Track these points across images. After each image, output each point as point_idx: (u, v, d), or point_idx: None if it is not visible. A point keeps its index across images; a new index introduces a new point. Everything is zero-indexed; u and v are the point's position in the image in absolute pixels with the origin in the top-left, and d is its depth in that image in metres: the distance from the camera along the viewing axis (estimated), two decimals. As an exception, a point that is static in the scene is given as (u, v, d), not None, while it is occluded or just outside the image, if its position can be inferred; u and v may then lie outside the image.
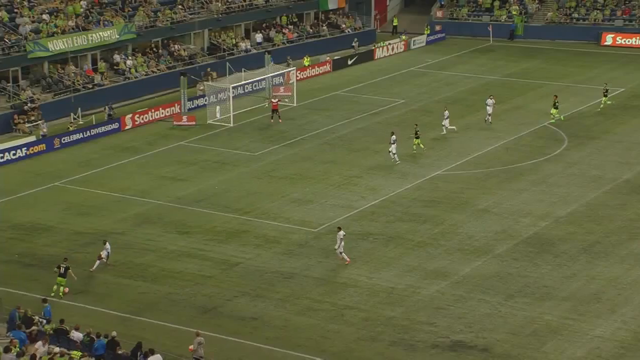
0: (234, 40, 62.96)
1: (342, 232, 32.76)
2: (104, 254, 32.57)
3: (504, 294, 30.50)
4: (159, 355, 24.35)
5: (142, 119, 50.87)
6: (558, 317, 28.94)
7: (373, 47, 68.12)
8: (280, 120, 49.71)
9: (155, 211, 37.90)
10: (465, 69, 63.63)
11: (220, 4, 63.40)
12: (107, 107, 51.19)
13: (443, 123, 47.67)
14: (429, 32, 72.99)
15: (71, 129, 48.28)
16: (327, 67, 63.38)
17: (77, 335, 25.63)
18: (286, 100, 50.98)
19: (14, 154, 44.55)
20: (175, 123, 50.75)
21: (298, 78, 58.01)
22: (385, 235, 35.46)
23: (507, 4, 74.22)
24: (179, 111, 52.24)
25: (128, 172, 42.87)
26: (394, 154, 43.05)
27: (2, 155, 44.07)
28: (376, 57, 67.30)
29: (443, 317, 29.08)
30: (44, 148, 45.87)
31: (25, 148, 45.07)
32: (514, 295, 30.42)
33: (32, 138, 46.70)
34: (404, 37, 70.91)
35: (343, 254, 32.81)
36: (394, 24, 75.45)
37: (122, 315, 29.30)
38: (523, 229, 35.76)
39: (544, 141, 46.89)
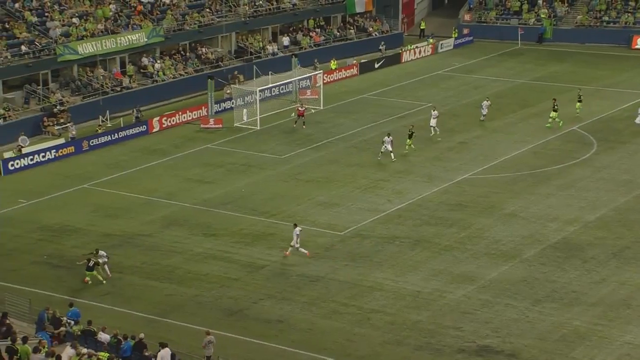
0: (261, 44, 63.15)
1: (298, 229, 33.51)
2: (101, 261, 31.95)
3: (532, 299, 30.28)
4: (167, 349, 24.54)
5: (170, 121, 51.20)
6: (587, 323, 28.67)
7: (400, 51, 68.01)
8: (304, 126, 49.74)
9: (181, 213, 38.10)
10: (493, 72, 63.33)
11: (247, 8, 63.65)
12: (134, 109, 51.61)
13: (431, 124, 47.44)
14: (456, 35, 72.75)
15: (99, 131, 48.71)
16: (354, 71, 63.38)
17: (104, 337, 25.82)
18: (312, 110, 50.98)
19: (44, 156, 45.02)
20: (202, 126, 51.02)
21: (325, 81, 58.04)
22: (412, 238, 35.37)
23: (536, 7, 73.78)
24: (206, 114, 52.50)
25: (155, 175, 43.15)
26: (391, 151, 43.48)
27: (31, 157, 44.55)
28: (403, 61, 67.16)
29: (470, 322, 28.93)
30: (73, 150, 46.31)
31: (54, 150, 45.54)
32: (541, 301, 30.19)
33: (61, 140, 47.18)
34: (431, 40, 70.73)
35: (301, 248, 33.36)
36: (422, 27, 75.28)
37: (149, 317, 29.47)
38: (551, 234, 35.50)
39: (573, 145, 46.53)
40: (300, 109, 50.63)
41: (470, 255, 33.81)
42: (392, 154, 43.80)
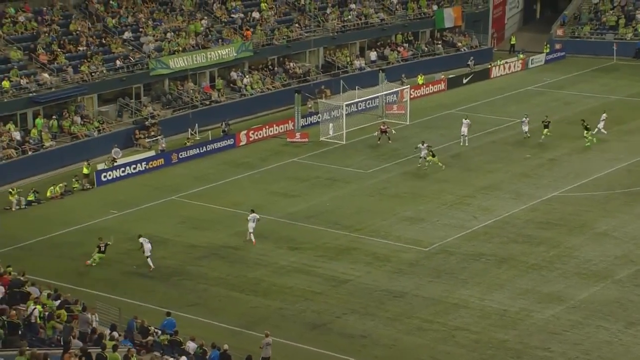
0: (348, 58, 63.48)
1: (255, 215, 36.06)
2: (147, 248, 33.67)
3: (625, 322, 29.42)
4: (194, 344, 25.34)
5: (257, 135, 51.90)
6: (682, 348, 27.69)
7: (489, 66, 67.29)
8: (390, 142, 49.65)
9: (267, 226, 38.52)
10: (586, 88, 62.01)
11: (336, 23, 64.12)
12: (223, 123, 52.51)
13: (462, 132, 47.87)
14: (548, 50, 71.56)
15: (188, 144, 49.74)
16: (442, 86, 63.01)
17: (192, 346, 26.21)
18: (393, 131, 50.86)
19: (134, 168, 46.24)
20: (288, 140, 51.54)
21: (412, 96, 57.90)
22: (498, 256, 34.88)
23: (633, 22, 71.90)
24: (292, 128, 53.02)
25: (242, 188, 43.79)
26: (422, 157, 44.61)
27: (123, 169, 45.81)
28: (492, 76, 66.42)
29: (558, 343, 28.30)
30: (162, 162, 47.41)
31: (144, 162, 46.71)
32: (635, 323, 29.30)
33: (152, 153, 48.36)
34: (521, 55, 69.77)
35: (252, 234, 35.82)
36: (512, 43, 74.34)
37: (233, 328, 29.86)
38: (645, 255, 34.47)
39: (669, 163, 45.17)
40: (382, 127, 50.55)
41: (559, 274, 33.11)
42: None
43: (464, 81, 64.45)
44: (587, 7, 75.44)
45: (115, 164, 45.97)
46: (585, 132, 48.46)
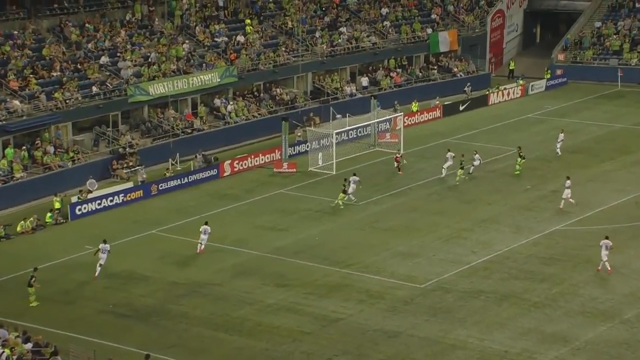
0: (338, 84, 63.88)
1: (207, 227, 39.07)
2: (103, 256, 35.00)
3: (632, 363, 29.47)
4: None
5: (242, 165, 52.02)
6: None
7: (487, 92, 67.82)
8: (400, 173, 50.06)
9: (253, 262, 38.51)
10: (589, 116, 62.55)
11: (325, 47, 64.61)
12: (197, 155, 51.88)
13: (445, 165, 48.73)
14: (549, 76, 72.22)
15: (168, 175, 49.78)
16: (437, 113, 63.44)
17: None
18: (404, 161, 51.23)
19: (111, 200, 46.19)
20: (275, 170, 51.68)
21: (405, 124, 58.17)
22: (498, 293, 34.95)
23: (638, 47, 72.71)
24: (279, 157, 53.18)
25: (226, 221, 43.78)
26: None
27: (99, 201, 45.75)
28: (490, 103, 66.94)
29: (562, 386, 28.30)
30: (141, 194, 47.38)
31: (122, 194, 46.67)
32: (643, 365, 29.36)
33: (130, 184, 48.36)
34: (521, 81, 70.37)
35: (203, 245, 38.96)
36: (511, 68, 74.99)
37: (217, 370, 29.70)
38: (654, 292, 34.61)
39: (678, 195, 45.51)
40: (397, 156, 50.93)
41: (563, 313, 33.18)
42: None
43: (461, 108, 64.90)
44: (589, 31, 76.29)
45: (90, 196, 45.91)
46: (519, 159, 49.39)
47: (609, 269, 36.45)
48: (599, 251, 36.71)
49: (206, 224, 39.65)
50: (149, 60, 56.22)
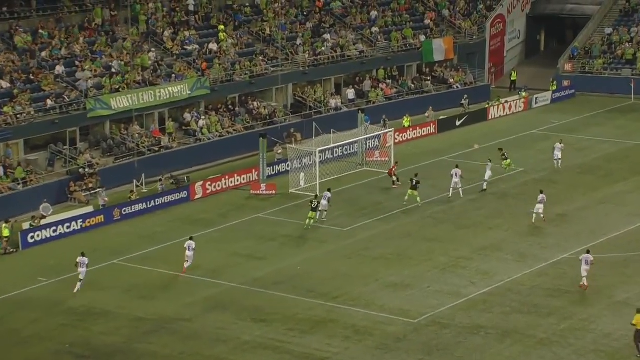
0: (322, 97, 64.20)
1: (192, 243, 40.31)
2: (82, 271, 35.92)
3: (648, 405, 29.65)
4: None
5: (215, 187, 52.10)
6: None
7: (486, 106, 68.33)
8: (394, 186, 50.67)
9: (227, 295, 38.52)
10: (600, 131, 63.09)
11: (307, 55, 64.98)
12: (162, 177, 51.78)
13: (453, 183, 49.43)
14: (555, 88, 72.86)
15: (133, 198, 49.79)
16: (432, 129, 63.83)
17: None
18: (396, 185, 51.68)
19: (68, 227, 46.10)
20: (252, 192, 51.80)
21: (396, 141, 58.53)
22: (501, 329, 35.11)
23: (653, 55, 73.56)
24: (257, 178, 53.29)
25: (197, 249, 43.63)
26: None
27: (55, 228, 45.64)
28: (490, 117, 67.43)
29: None
30: (102, 220, 47.36)
31: (80, 220, 46.62)
32: (660, 407, 29.55)
33: (90, 208, 48.32)
34: (524, 93, 70.94)
35: (188, 263, 40.05)
36: (513, 79, 75.62)
37: (187, 416, 29.68)
38: (671, 326, 34.83)
39: (698, 219, 45.95)
40: (393, 166, 51.80)
41: (573, 351, 33.37)
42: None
43: (457, 123, 65.33)
44: (599, 38, 77.05)
45: (44, 222, 45.81)
46: (505, 162, 51.58)
47: (586, 284, 37.70)
48: (580, 265, 37.91)
49: (191, 239, 40.78)
50: (111, 70, 56.36)
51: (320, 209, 46.09)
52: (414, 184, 48.24)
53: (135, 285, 39.83)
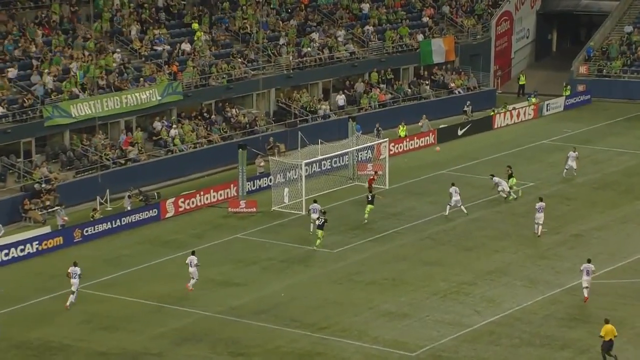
0: (308, 103, 64.23)
1: (194, 258, 40.94)
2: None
3: None
4: None
5: (188, 204, 51.98)
6: None
7: (492, 113, 68.48)
8: (381, 198, 50.70)
9: (201, 325, 38.34)
10: (619, 142, 63.32)
11: (292, 57, 65.04)
12: (129, 193, 51.70)
13: (451, 202, 49.45)
14: (568, 93, 73.08)
15: (96, 217, 49.64)
16: (430, 139, 63.90)
17: None
18: (381, 197, 51.70)
19: (22, 250, 45.86)
20: (230, 210, 51.71)
21: (391, 152, 58.56)
22: (509, 363, 35.09)
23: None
24: (235, 194, 53.24)
25: (168, 274, 43.61)
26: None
27: (7, 251, 45.39)
28: (496, 126, 67.59)
29: None
30: (61, 242, 47.13)
31: (36, 242, 46.37)
32: None
33: (46, 229, 48.11)
34: (533, 99, 71.16)
35: (193, 281, 41.02)
36: (521, 83, 75.90)
37: None
38: (700, 359, 34.88)
39: None
40: (373, 176, 52.21)
41: (589, 388, 33.34)
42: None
43: (459, 133, 65.45)
44: (617, 38, 77.35)
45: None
46: (511, 179, 51.97)
47: (587, 296, 39.02)
48: (581, 276, 39.20)
49: (193, 253, 41.39)
50: (71, 73, 56.23)
51: (311, 222, 45.93)
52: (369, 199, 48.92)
53: (97, 315, 39.61)
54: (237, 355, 36.09)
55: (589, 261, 39.50)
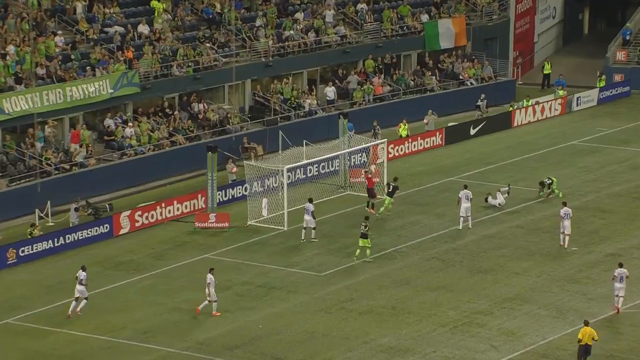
0: (291, 97, 64.32)
1: (211, 276, 41.61)
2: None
3: None
4: None
5: (147, 218, 52.05)
6: None
7: (510, 109, 68.71)
8: (373, 212, 50.96)
9: (164, 363, 38.49)
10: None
11: (271, 42, 65.09)
12: (76, 205, 51.77)
13: (461, 213, 50.30)
14: (603, 84, 73.30)
15: (35, 234, 49.61)
16: (437, 139, 64.09)
17: None
18: (377, 214, 52.05)
19: (-54, 273, 46.02)
20: (197, 225, 51.79)
21: (391, 155, 58.70)
22: (532, 408, 35.33)
23: None
24: (203, 206, 53.31)
25: (123, 302, 43.63)
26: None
27: None
28: (515, 124, 67.79)
29: None
30: (-7, 264, 47.30)
31: (-37, 264, 46.56)
32: None
33: (-25, 248, 48.20)
34: (561, 91, 71.39)
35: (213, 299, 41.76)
36: (546, 72, 76.02)
37: None
38: None
39: None
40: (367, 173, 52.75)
41: None
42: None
43: (472, 132, 65.66)
44: (662, 17, 77.71)
45: None
46: (550, 189, 53.59)
47: (619, 306, 40.73)
48: (613, 283, 40.50)
49: (211, 271, 41.95)
50: (5, 60, 56.21)
51: (304, 226, 46.00)
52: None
53: (37, 352, 39.55)
54: (206, 398, 36.27)
55: (620, 265, 40.37)
